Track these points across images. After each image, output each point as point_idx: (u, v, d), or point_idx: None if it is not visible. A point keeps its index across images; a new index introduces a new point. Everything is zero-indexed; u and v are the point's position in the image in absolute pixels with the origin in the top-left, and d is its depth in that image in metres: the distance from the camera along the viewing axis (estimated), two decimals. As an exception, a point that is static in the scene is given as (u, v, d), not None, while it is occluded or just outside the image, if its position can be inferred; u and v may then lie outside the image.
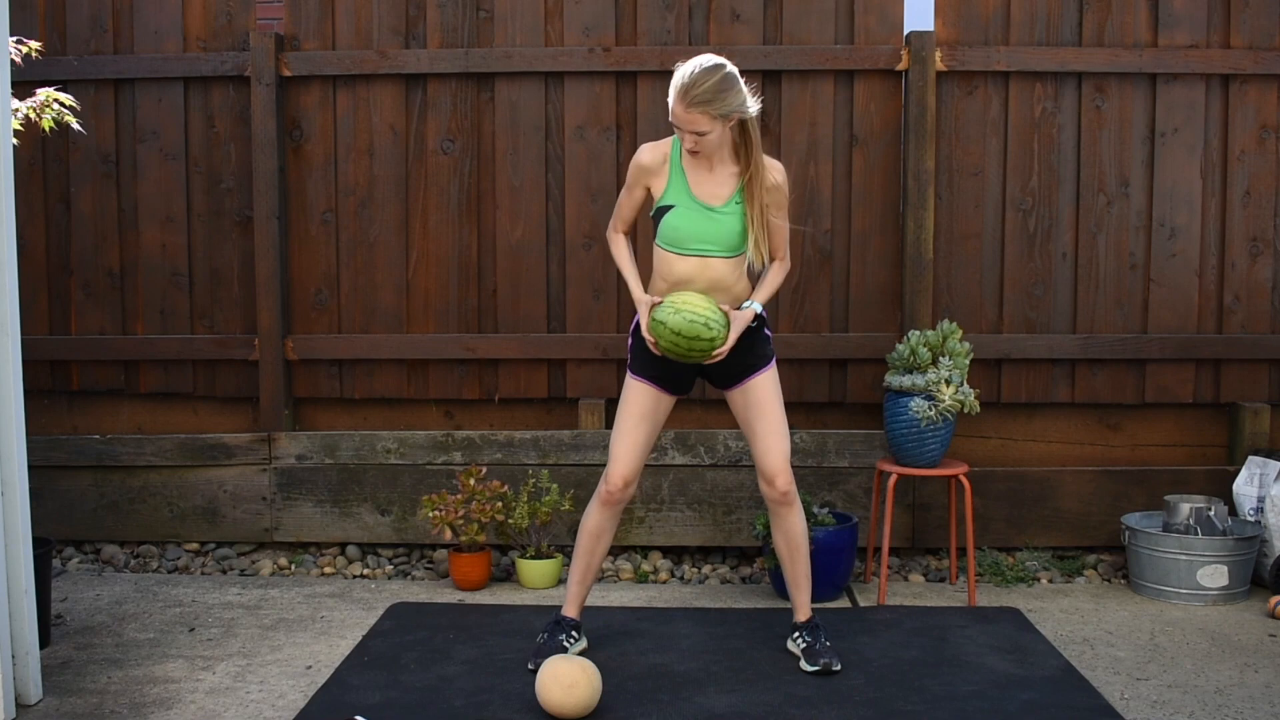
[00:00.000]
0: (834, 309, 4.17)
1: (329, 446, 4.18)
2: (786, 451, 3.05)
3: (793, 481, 3.08)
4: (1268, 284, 4.13)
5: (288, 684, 3.00)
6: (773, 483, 3.05)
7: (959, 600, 3.73)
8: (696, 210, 2.95)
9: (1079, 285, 4.14)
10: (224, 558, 4.20)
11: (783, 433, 3.06)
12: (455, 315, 4.24)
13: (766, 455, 3.05)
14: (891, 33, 4.10)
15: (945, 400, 3.61)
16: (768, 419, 3.06)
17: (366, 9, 4.17)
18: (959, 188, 4.13)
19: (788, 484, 3.05)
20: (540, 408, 4.30)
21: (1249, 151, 4.09)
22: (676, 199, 2.97)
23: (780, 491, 3.05)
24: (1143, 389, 4.15)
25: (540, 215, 4.20)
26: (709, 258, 2.97)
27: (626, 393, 3.11)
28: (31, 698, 2.82)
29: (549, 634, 3.13)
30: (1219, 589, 3.67)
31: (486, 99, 4.19)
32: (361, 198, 4.23)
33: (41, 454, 4.08)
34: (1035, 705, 2.82)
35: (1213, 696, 2.91)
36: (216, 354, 4.26)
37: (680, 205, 2.96)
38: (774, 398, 3.07)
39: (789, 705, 2.82)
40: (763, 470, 3.07)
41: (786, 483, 3.05)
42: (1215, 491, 4.03)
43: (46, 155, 4.29)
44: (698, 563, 4.15)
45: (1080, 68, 4.05)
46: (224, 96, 4.24)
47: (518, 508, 3.86)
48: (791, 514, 3.10)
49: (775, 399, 3.08)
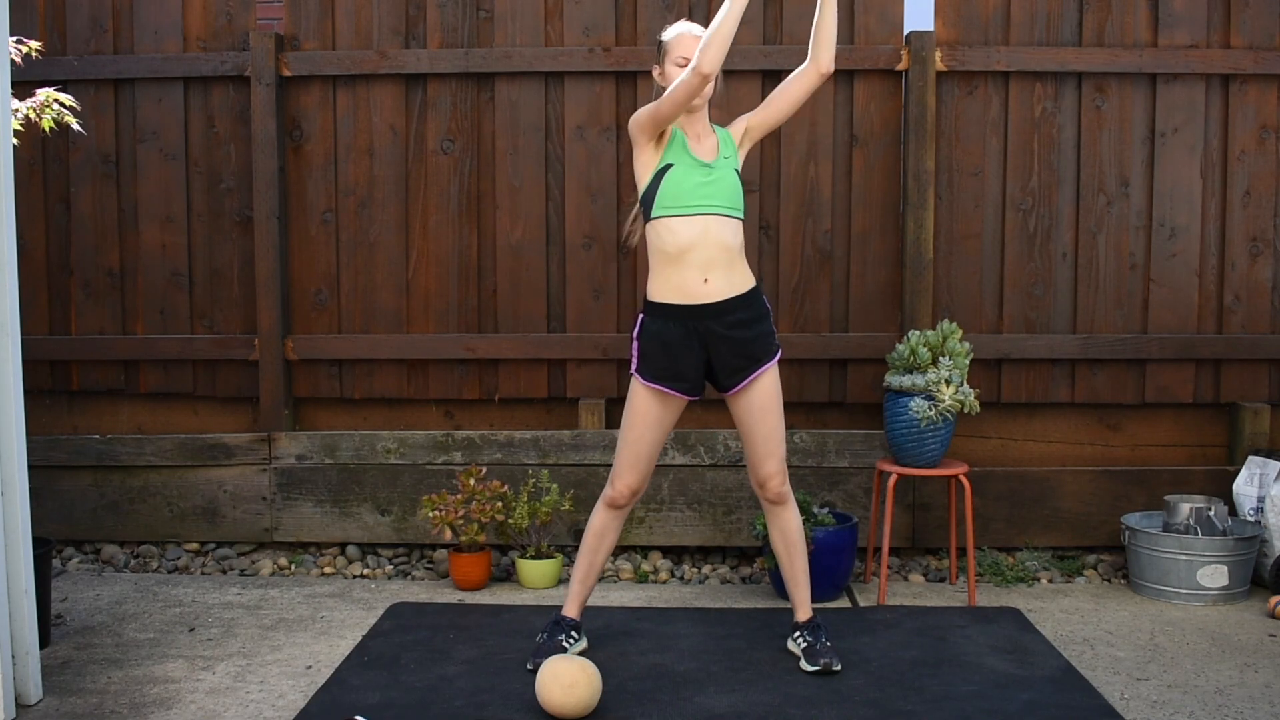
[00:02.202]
0: (834, 309, 4.17)
1: (329, 446, 4.18)
2: (783, 456, 3.08)
3: (787, 482, 3.09)
4: (1268, 284, 4.13)
5: (288, 684, 3.00)
6: (765, 486, 3.07)
7: (959, 600, 3.73)
8: (696, 166, 2.99)
9: (1079, 285, 4.14)
10: (224, 558, 4.20)
11: (781, 438, 3.08)
12: (455, 315, 4.24)
13: (765, 461, 3.05)
14: (891, 33, 4.10)
15: (945, 400, 3.62)
16: (769, 424, 3.05)
17: (366, 9, 4.17)
18: (959, 188, 4.13)
19: (781, 484, 3.08)
20: (540, 408, 4.30)
21: (1249, 151, 4.09)
22: (677, 158, 3.00)
23: (775, 492, 3.08)
24: (1143, 389, 4.15)
25: (540, 215, 4.20)
26: (711, 215, 2.96)
27: (633, 399, 3.08)
28: (31, 698, 2.82)
29: (548, 634, 3.13)
30: (1219, 589, 3.67)
31: (486, 99, 4.19)
32: (361, 198, 4.23)
33: (41, 454, 4.08)
34: (1035, 705, 2.82)
35: (1213, 696, 2.91)
36: (216, 354, 4.26)
37: (679, 163, 3.00)
38: (776, 401, 3.07)
39: (789, 705, 2.82)
40: (758, 475, 3.08)
41: (780, 483, 3.07)
42: (1215, 491, 4.03)
43: (46, 155, 4.29)
44: (698, 563, 4.15)
45: (1080, 68, 4.05)
46: (224, 96, 4.24)
47: (518, 508, 3.86)
48: (786, 511, 3.12)
49: (777, 402, 3.07)
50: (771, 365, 3.06)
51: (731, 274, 3.00)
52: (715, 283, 2.97)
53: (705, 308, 2.98)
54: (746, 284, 3.04)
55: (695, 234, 2.96)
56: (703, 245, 2.96)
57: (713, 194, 2.97)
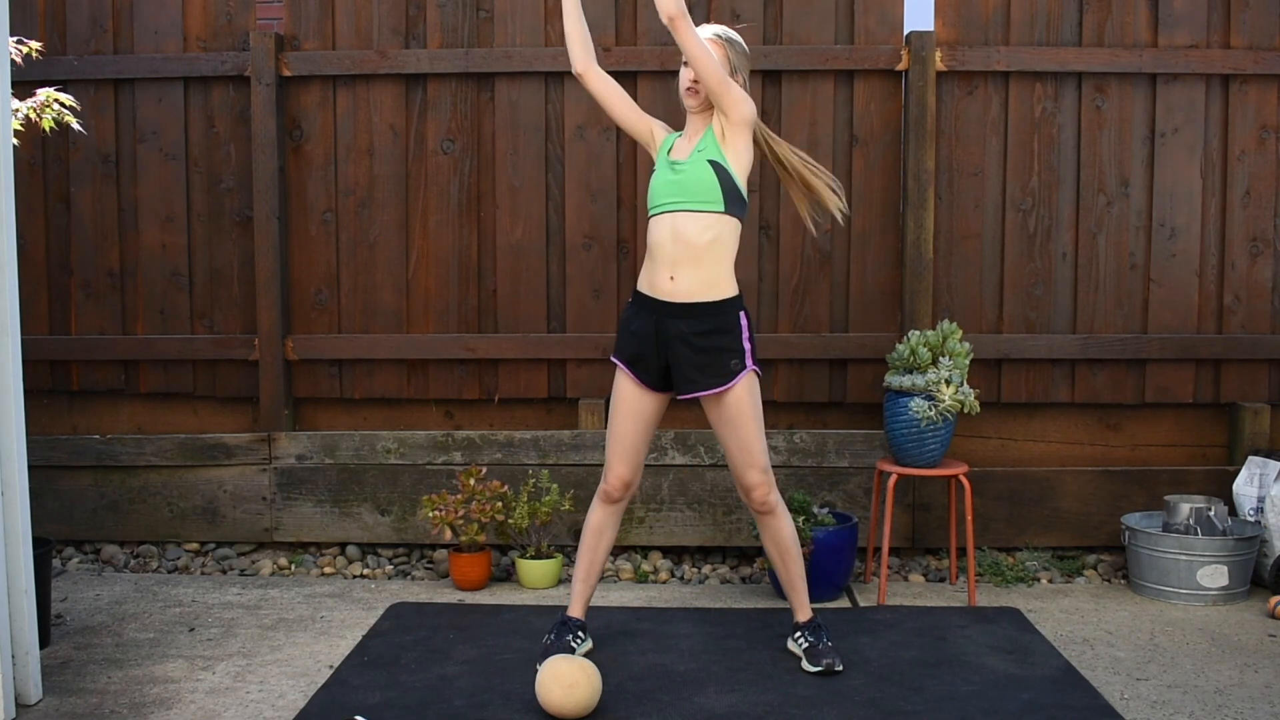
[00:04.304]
0: (834, 309, 4.18)
1: (329, 446, 4.18)
2: (763, 464, 3.01)
3: (773, 489, 3.03)
4: (1268, 284, 4.13)
5: (288, 684, 3.00)
6: (749, 495, 3.04)
7: (959, 600, 3.73)
8: (666, 167, 3.04)
9: (1079, 285, 4.14)
10: (224, 558, 4.20)
11: (760, 449, 3.00)
12: (455, 315, 4.24)
13: (745, 472, 3.01)
14: (891, 33, 4.10)
15: (945, 400, 3.62)
16: (741, 436, 2.99)
17: (366, 9, 4.17)
18: (959, 188, 4.13)
19: (765, 495, 3.02)
20: (540, 408, 4.30)
21: (1249, 151, 4.09)
22: (659, 161, 3.09)
23: (759, 502, 3.03)
24: (1143, 389, 4.15)
25: (540, 215, 4.20)
26: (677, 212, 2.97)
27: (615, 386, 3.11)
28: (31, 698, 2.82)
29: (555, 635, 3.12)
30: (1219, 589, 3.67)
31: (486, 99, 4.19)
32: (361, 198, 4.23)
33: (41, 454, 4.08)
34: (1035, 705, 2.82)
35: (1213, 696, 2.91)
36: (216, 354, 4.26)
37: (659, 166, 3.08)
38: (746, 413, 2.98)
39: (789, 705, 2.82)
40: (741, 485, 3.05)
41: (764, 494, 3.02)
42: (1215, 491, 4.03)
43: (46, 155, 4.29)
44: (698, 563, 4.15)
45: (1080, 68, 4.05)
46: (224, 96, 4.24)
47: (518, 508, 3.86)
48: (775, 520, 3.07)
49: (748, 414, 2.98)
50: (736, 381, 2.96)
51: (700, 274, 2.95)
52: (681, 282, 2.95)
53: (669, 305, 2.98)
54: (719, 292, 2.97)
55: (664, 232, 2.99)
56: (670, 242, 2.97)
57: (678, 190, 2.98)
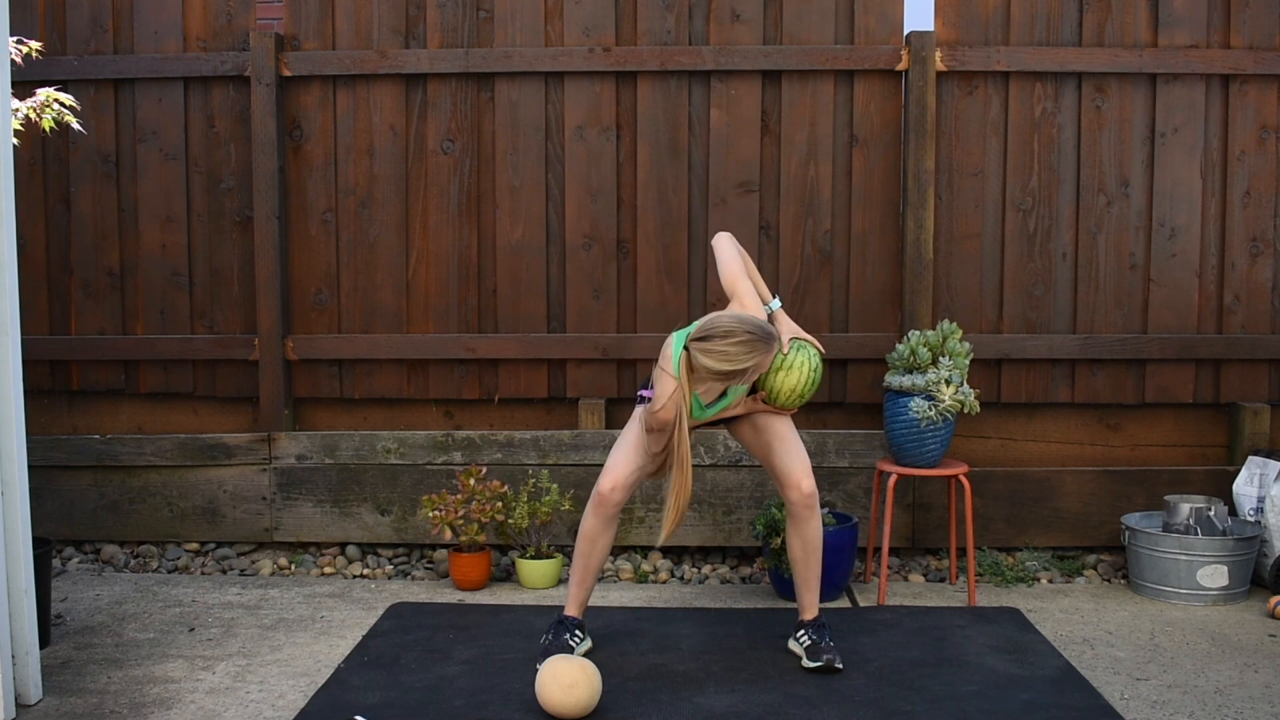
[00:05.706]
0: (834, 309, 4.17)
1: (329, 446, 4.18)
2: (808, 462, 3.11)
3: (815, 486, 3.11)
4: (1268, 284, 4.13)
5: (288, 684, 3.00)
6: (799, 487, 3.07)
7: (959, 600, 3.73)
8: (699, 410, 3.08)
9: (1079, 285, 4.14)
10: (224, 558, 4.20)
11: (803, 453, 3.12)
12: (455, 315, 4.24)
13: (803, 479, 3.08)
14: (891, 33, 4.10)
15: (945, 400, 3.61)
16: (788, 442, 3.12)
17: (366, 9, 4.17)
18: (959, 188, 4.13)
19: (813, 488, 3.09)
20: (540, 408, 4.30)
21: (1249, 151, 4.09)
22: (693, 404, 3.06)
23: (806, 494, 3.08)
24: (1143, 389, 4.15)
25: (540, 215, 4.20)
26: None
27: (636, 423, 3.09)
28: (31, 698, 2.82)
29: (553, 634, 3.12)
30: (1219, 589, 3.67)
31: (486, 99, 4.19)
32: (361, 198, 4.23)
33: (41, 454, 4.08)
34: (1035, 705, 2.82)
35: (1213, 696, 2.91)
36: (216, 354, 4.26)
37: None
38: (787, 420, 3.15)
39: (789, 705, 2.82)
40: (795, 489, 3.08)
41: (812, 486, 3.09)
42: (1215, 491, 4.03)
43: (46, 155, 4.29)
44: (698, 563, 4.15)
45: (1080, 68, 4.05)
46: (224, 96, 4.24)
47: (518, 508, 3.86)
48: (814, 518, 3.11)
49: (788, 421, 3.15)
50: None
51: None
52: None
53: None
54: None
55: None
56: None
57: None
